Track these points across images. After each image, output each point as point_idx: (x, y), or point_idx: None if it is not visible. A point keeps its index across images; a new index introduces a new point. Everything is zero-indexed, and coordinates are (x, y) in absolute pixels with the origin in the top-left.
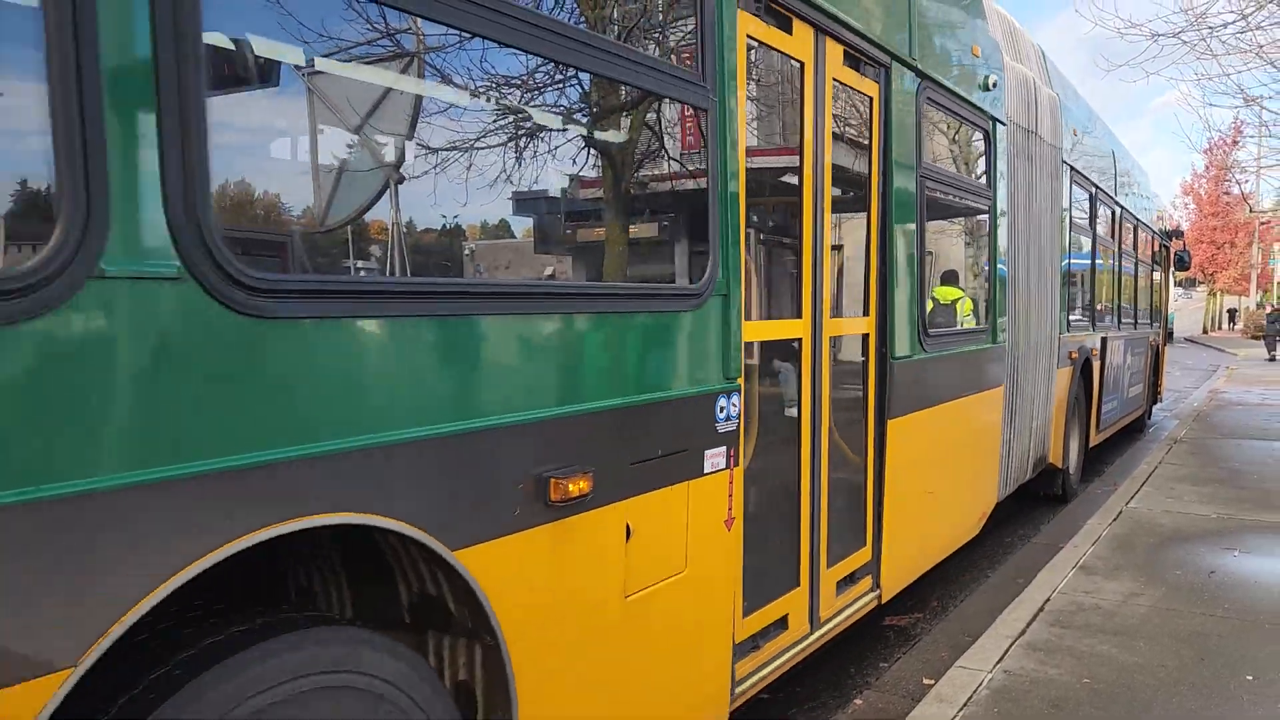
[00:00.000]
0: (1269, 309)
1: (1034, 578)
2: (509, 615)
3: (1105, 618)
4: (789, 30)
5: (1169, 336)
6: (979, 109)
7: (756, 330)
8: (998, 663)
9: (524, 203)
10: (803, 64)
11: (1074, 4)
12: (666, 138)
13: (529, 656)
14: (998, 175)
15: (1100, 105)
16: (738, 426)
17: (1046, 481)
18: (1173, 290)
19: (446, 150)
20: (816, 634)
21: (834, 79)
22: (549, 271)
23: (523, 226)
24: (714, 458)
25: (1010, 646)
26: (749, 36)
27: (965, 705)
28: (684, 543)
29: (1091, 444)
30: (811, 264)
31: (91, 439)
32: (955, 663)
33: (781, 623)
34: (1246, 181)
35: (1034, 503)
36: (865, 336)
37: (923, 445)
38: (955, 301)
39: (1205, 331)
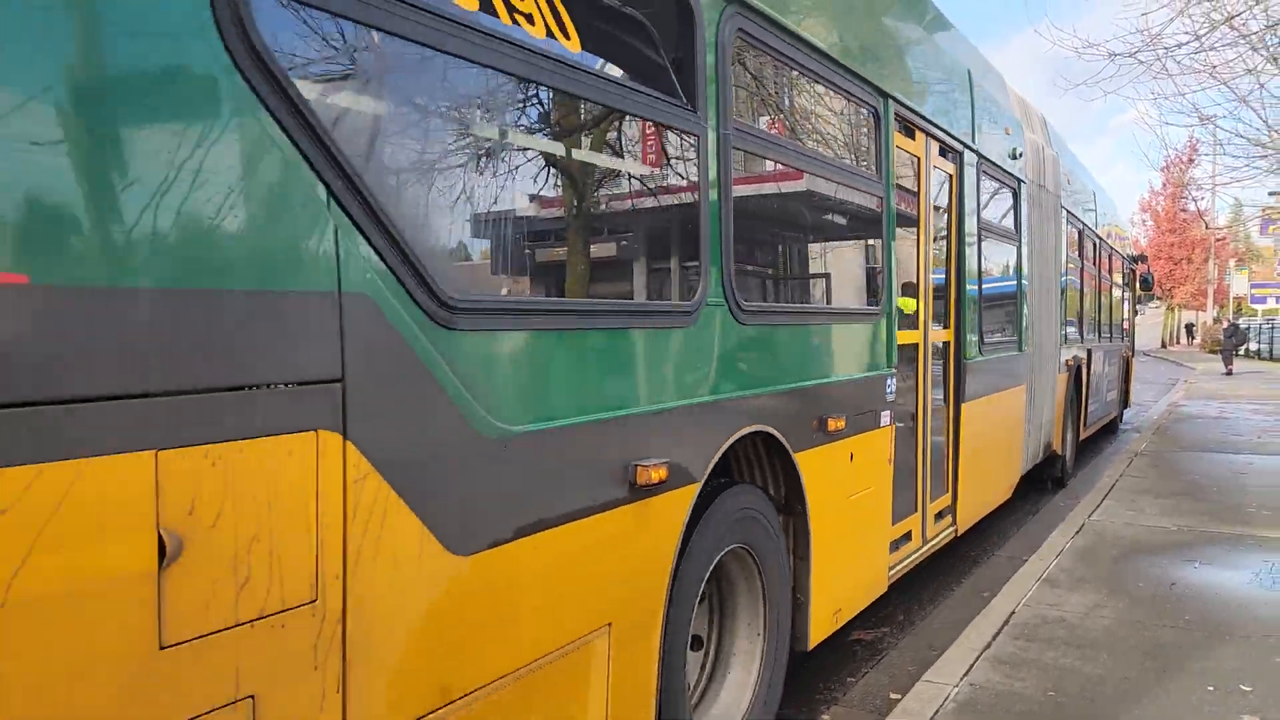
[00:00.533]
0: (1225, 324)
1: (999, 591)
2: (811, 494)
3: (1069, 630)
4: (912, 137)
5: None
6: (1010, 174)
7: (899, 336)
8: (964, 676)
9: (806, 261)
10: (919, 158)
11: (1033, 25)
12: (863, 220)
13: (816, 520)
14: (1021, 221)
15: (1063, 123)
16: (894, 397)
17: (1049, 466)
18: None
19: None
20: (925, 547)
21: (934, 165)
22: (820, 295)
23: (805, 269)
24: (884, 416)
25: (976, 660)
26: (895, 145)
27: (932, 719)
28: (870, 469)
29: (1081, 437)
30: (922, 292)
31: (699, 383)
32: (922, 677)
33: (907, 536)
34: (1202, 198)
35: (1001, 514)
36: (947, 343)
37: (981, 424)
38: None
39: (1164, 345)
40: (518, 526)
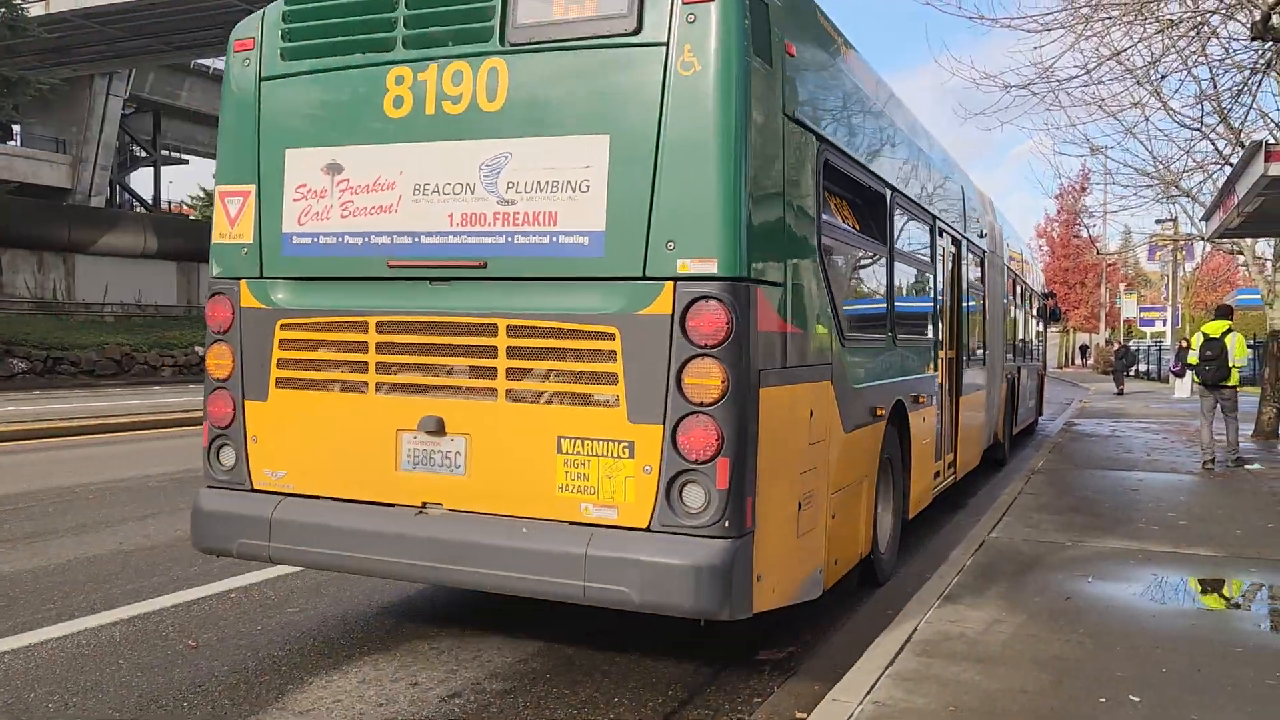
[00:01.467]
0: (1116, 346)
1: (903, 609)
2: (914, 436)
3: (969, 645)
4: (941, 236)
5: None
6: (982, 249)
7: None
8: (867, 694)
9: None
10: (942, 246)
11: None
12: (926, 284)
13: (915, 450)
14: (985, 277)
15: (967, 153)
16: (936, 389)
17: (996, 450)
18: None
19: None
20: (945, 482)
21: (949, 249)
22: (920, 330)
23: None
24: (931, 398)
25: (879, 677)
26: (937, 240)
27: None
28: (930, 428)
29: (1015, 431)
30: (944, 325)
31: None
32: (827, 695)
33: (938, 473)
34: (1094, 225)
35: (914, 529)
36: (953, 358)
37: (968, 411)
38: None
39: (1060, 366)
40: (853, 426)
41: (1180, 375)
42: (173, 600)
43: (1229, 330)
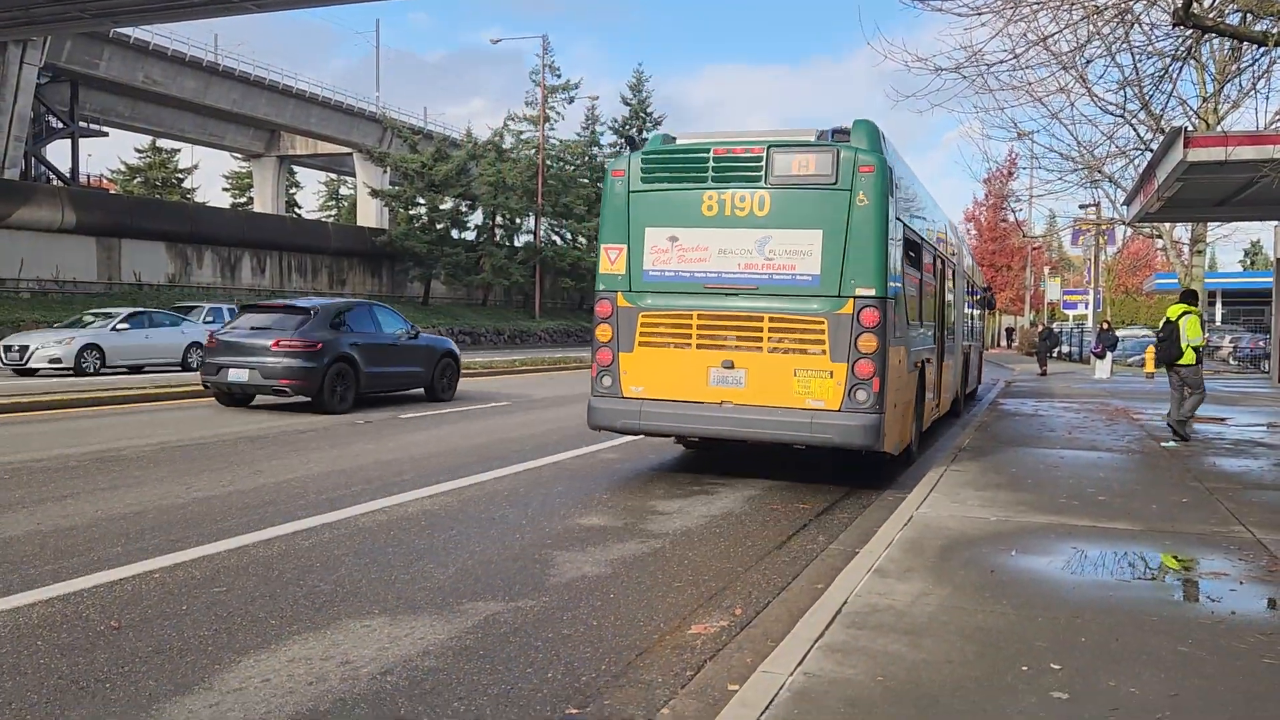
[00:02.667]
0: (1040, 328)
1: (832, 582)
2: (927, 377)
3: (897, 618)
4: (944, 263)
5: None
6: (955, 266)
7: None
8: (798, 665)
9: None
10: (945, 269)
11: (868, 40)
12: (939, 292)
13: (927, 384)
14: (956, 285)
15: (902, 136)
16: (935, 357)
17: (955, 405)
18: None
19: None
20: (936, 414)
21: (949, 269)
22: (948, 322)
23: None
24: (933, 362)
25: (810, 649)
26: (947, 266)
27: (767, 708)
28: (935, 375)
29: (967, 392)
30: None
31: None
32: (759, 667)
33: (935, 406)
34: (1020, 209)
35: (839, 509)
36: (941, 339)
37: (947, 373)
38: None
39: (986, 348)
40: (909, 370)
41: (1100, 356)
42: (94, 581)
43: (1185, 313)
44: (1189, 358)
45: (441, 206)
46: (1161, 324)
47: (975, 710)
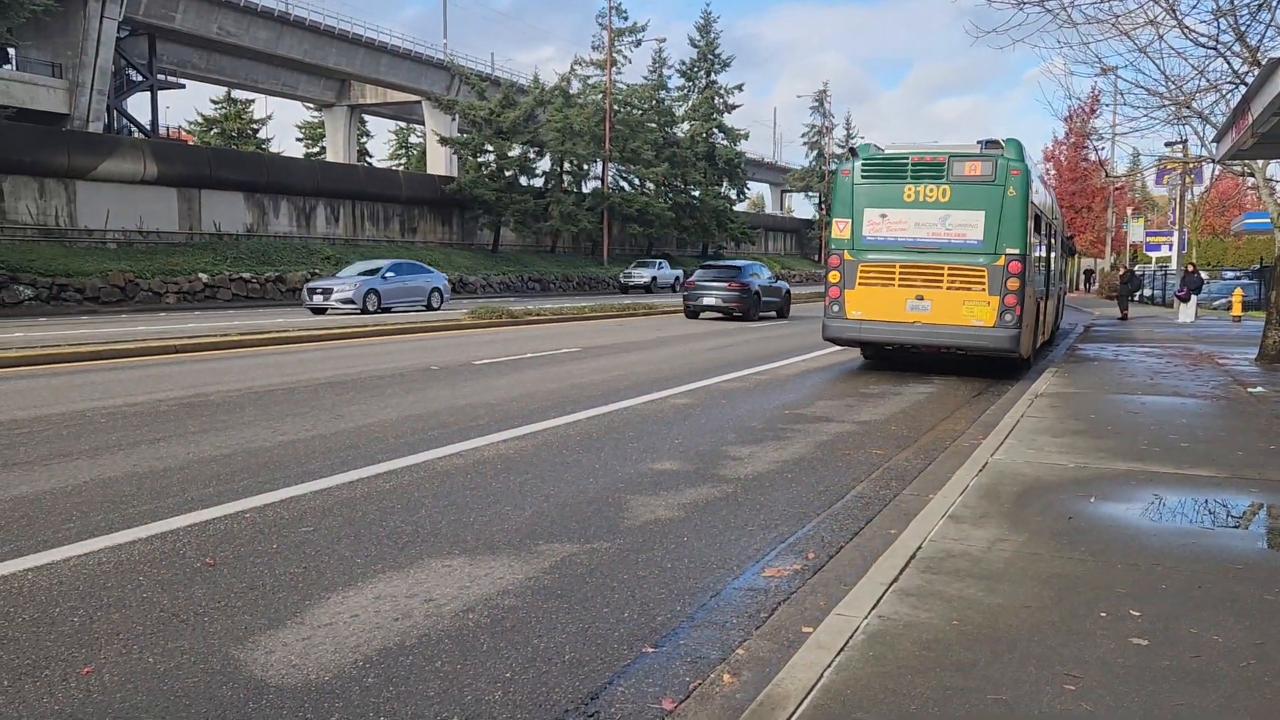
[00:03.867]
0: (1121, 271)
1: (906, 527)
2: (1042, 310)
3: (972, 563)
4: (1052, 225)
5: None
6: (1054, 228)
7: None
8: (872, 609)
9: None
10: (1052, 229)
11: None
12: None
13: (1042, 314)
14: (1055, 242)
15: (982, 74)
16: (1044, 296)
17: (1049, 340)
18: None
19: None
20: (1043, 338)
21: (1054, 230)
22: (1049, 269)
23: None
24: (1044, 300)
25: (884, 593)
26: (1056, 229)
27: (842, 650)
28: (1045, 311)
29: (1057, 326)
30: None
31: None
32: (833, 610)
33: (1041, 331)
34: (1103, 148)
35: (912, 457)
36: (1046, 283)
37: (1049, 310)
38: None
39: (1065, 292)
40: (1032, 303)
41: (1185, 300)
42: (188, 520)
43: None
44: None
45: (510, 153)
46: None
47: (1052, 655)
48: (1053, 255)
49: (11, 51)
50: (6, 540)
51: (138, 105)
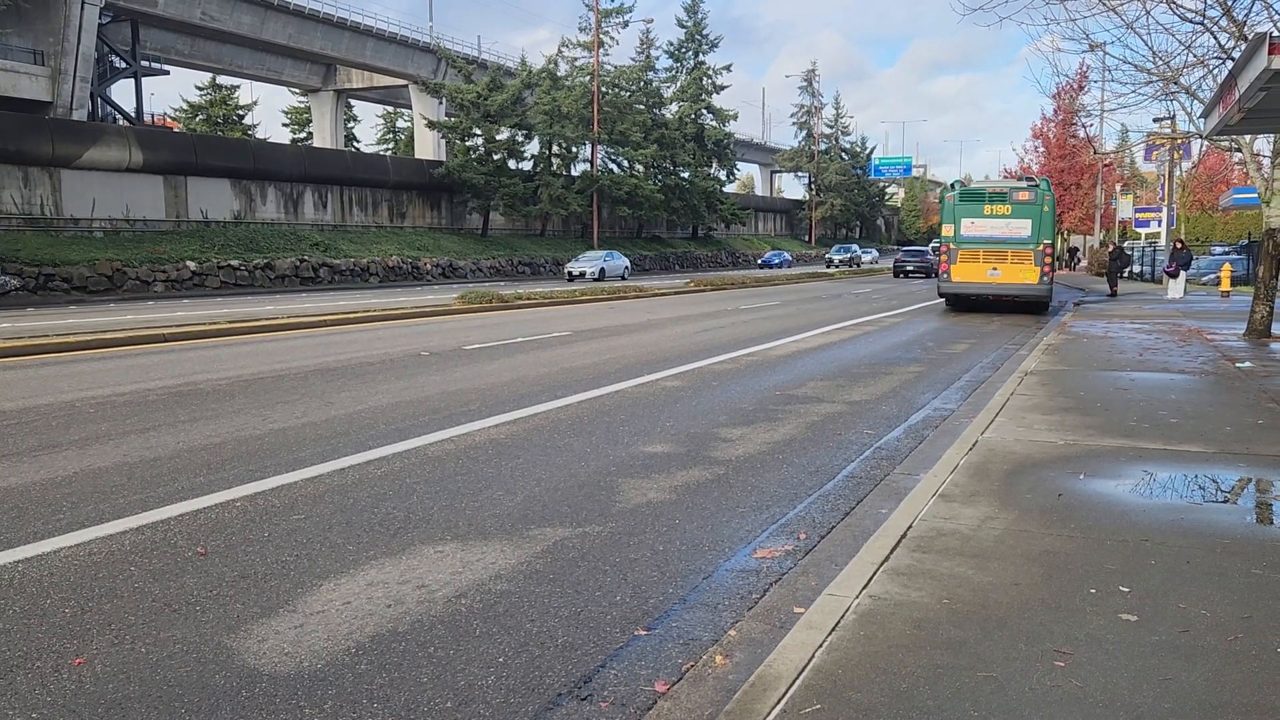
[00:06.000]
0: (1110, 247)
1: (897, 507)
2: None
3: (963, 541)
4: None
5: None
6: (1056, 221)
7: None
8: (863, 588)
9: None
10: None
11: None
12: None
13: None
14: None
15: (980, 52)
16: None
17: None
18: None
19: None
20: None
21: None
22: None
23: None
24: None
25: (875, 573)
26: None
27: (833, 630)
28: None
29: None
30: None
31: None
32: (824, 590)
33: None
34: (1091, 125)
35: (903, 437)
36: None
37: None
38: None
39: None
40: (1054, 269)
41: (1174, 275)
42: (179, 510)
43: None
44: None
45: (498, 137)
46: None
47: (1042, 632)
48: (1058, 240)
49: None
50: None
51: (122, 92)
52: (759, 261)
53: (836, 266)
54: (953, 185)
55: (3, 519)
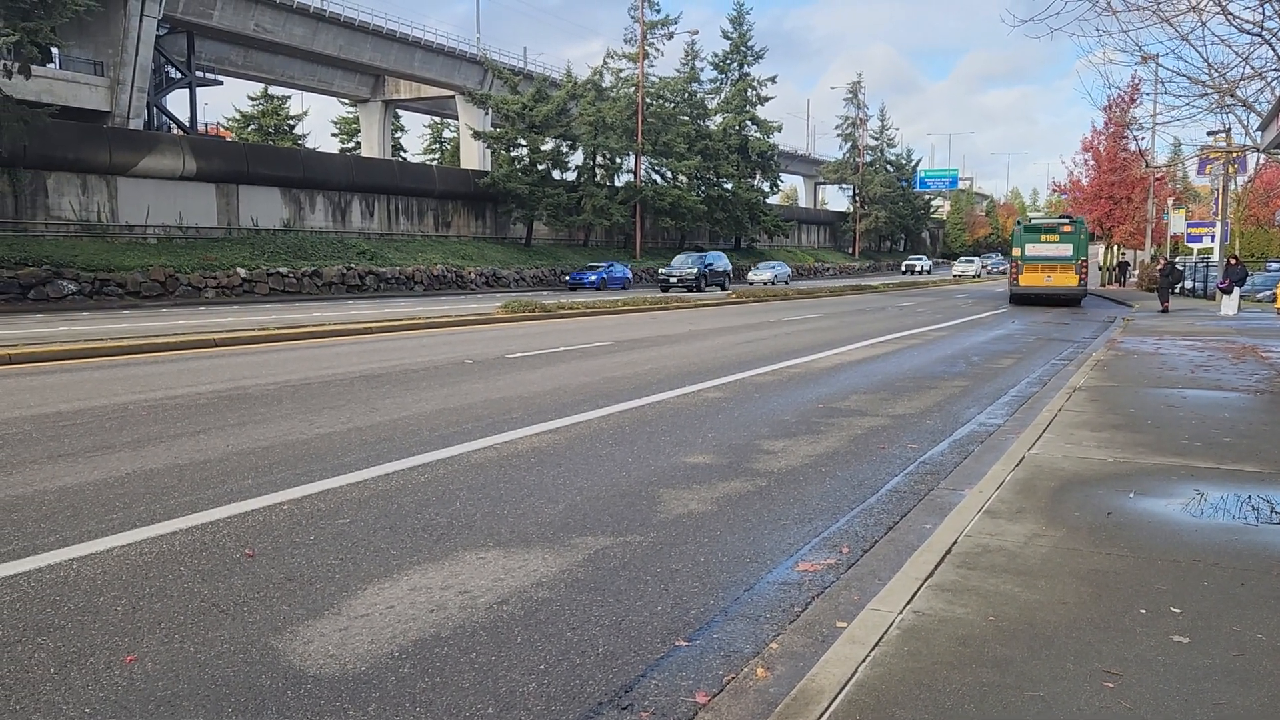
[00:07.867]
0: (1161, 263)
1: (941, 522)
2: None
3: (1009, 558)
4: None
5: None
6: (1090, 237)
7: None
8: (907, 604)
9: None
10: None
11: None
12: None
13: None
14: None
15: (1032, 64)
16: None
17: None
18: None
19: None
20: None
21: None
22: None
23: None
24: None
25: (919, 588)
26: None
27: (876, 645)
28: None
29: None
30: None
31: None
32: (867, 605)
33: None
34: (1143, 138)
35: (947, 451)
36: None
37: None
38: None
39: (1103, 285)
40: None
41: (1227, 292)
42: (228, 512)
43: None
44: None
45: (542, 147)
46: None
47: (1090, 651)
48: (1107, 254)
49: (54, 51)
50: (53, 530)
51: (177, 102)
52: (749, 279)
53: (916, 274)
54: (1019, 221)
55: (59, 517)
